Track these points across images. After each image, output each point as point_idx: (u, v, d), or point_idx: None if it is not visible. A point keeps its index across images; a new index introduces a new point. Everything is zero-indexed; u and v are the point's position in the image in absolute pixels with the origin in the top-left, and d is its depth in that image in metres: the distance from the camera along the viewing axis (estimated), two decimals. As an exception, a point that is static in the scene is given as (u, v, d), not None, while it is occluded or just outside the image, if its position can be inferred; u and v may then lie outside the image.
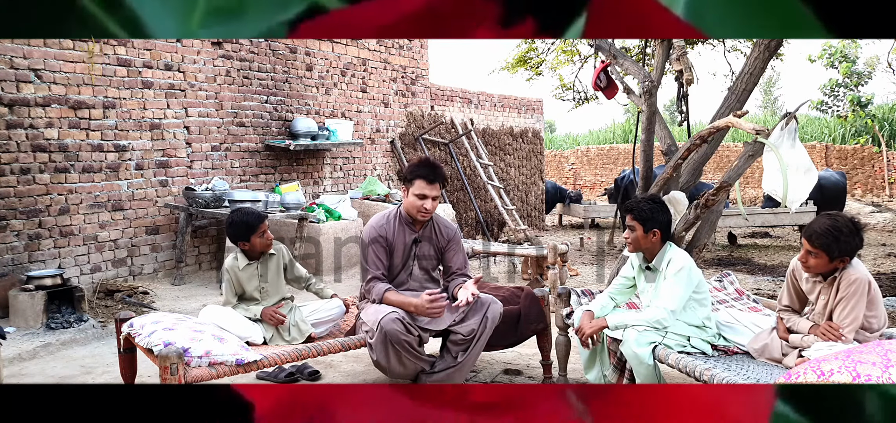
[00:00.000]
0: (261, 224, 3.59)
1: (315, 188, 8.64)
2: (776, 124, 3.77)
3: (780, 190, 3.59)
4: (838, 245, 2.79)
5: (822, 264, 2.84)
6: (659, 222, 3.25)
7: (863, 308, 2.81)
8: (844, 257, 2.82)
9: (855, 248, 2.82)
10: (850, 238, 2.79)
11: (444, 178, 3.48)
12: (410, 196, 3.43)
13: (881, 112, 20.62)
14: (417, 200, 3.41)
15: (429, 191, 3.40)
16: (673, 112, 10.19)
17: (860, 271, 2.84)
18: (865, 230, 8.57)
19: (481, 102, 12.15)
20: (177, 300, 6.02)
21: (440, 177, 3.43)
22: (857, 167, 18.84)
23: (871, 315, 2.87)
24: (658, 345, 3.10)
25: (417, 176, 3.41)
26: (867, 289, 2.82)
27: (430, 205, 3.43)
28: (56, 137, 5.85)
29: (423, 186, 3.40)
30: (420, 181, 3.40)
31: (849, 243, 2.79)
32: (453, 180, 11.03)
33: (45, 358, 4.55)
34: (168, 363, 2.79)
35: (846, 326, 2.79)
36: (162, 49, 6.74)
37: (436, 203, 3.47)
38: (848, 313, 2.79)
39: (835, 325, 2.82)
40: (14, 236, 5.57)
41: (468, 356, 3.37)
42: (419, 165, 3.46)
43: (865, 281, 2.82)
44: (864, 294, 2.81)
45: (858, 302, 2.79)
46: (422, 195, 3.40)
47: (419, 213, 3.43)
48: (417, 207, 3.41)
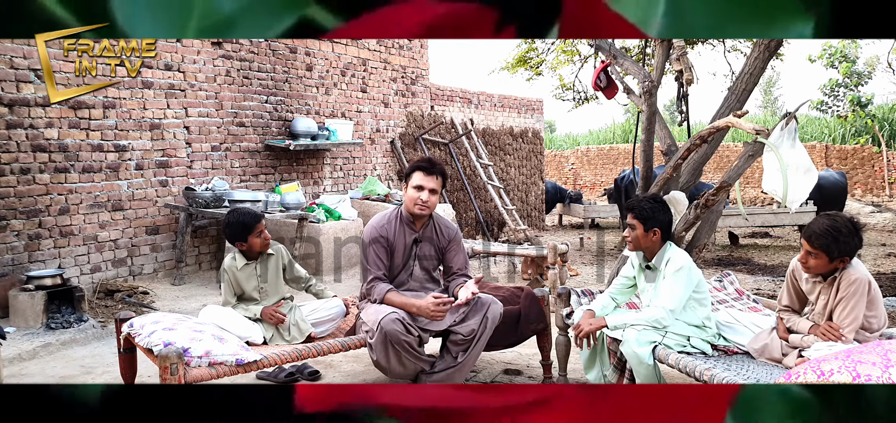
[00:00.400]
0: (257, 224, 3.59)
1: (315, 188, 8.64)
2: (776, 124, 3.77)
3: (780, 190, 3.59)
4: (838, 245, 2.78)
5: (821, 265, 2.84)
6: (660, 221, 3.25)
7: (863, 308, 2.81)
8: (844, 257, 2.81)
9: (854, 248, 2.82)
10: (849, 238, 2.79)
11: (443, 172, 3.49)
12: (409, 190, 3.44)
13: (881, 112, 20.63)
14: (415, 192, 3.41)
15: (426, 182, 3.40)
16: (673, 112, 10.19)
17: (860, 271, 2.83)
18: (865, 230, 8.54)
19: (481, 102, 12.14)
20: (177, 300, 6.02)
21: (438, 170, 3.45)
22: (857, 167, 18.84)
23: (871, 315, 2.87)
24: (658, 345, 3.10)
25: (415, 169, 3.45)
26: (867, 289, 2.82)
27: (428, 197, 3.41)
28: (56, 137, 5.85)
29: (421, 177, 3.41)
30: (418, 173, 3.43)
31: (848, 244, 2.79)
32: (453, 180, 11.03)
33: (45, 358, 4.55)
34: (168, 363, 2.79)
35: (846, 326, 2.79)
36: (162, 49, 6.74)
37: (434, 198, 3.45)
38: (848, 314, 2.79)
39: (835, 325, 2.82)
40: (14, 236, 5.57)
41: (468, 356, 3.37)
42: (418, 160, 3.51)
43: (865, 281, 2.82)
44: (864, 294, 2.80)
45: (858, 302, 2.79)
46: (419, 186, 3.40)
47: (417, 206, 3.42)
48: (415, 199, 3.41)
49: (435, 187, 3.44)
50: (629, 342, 3.11)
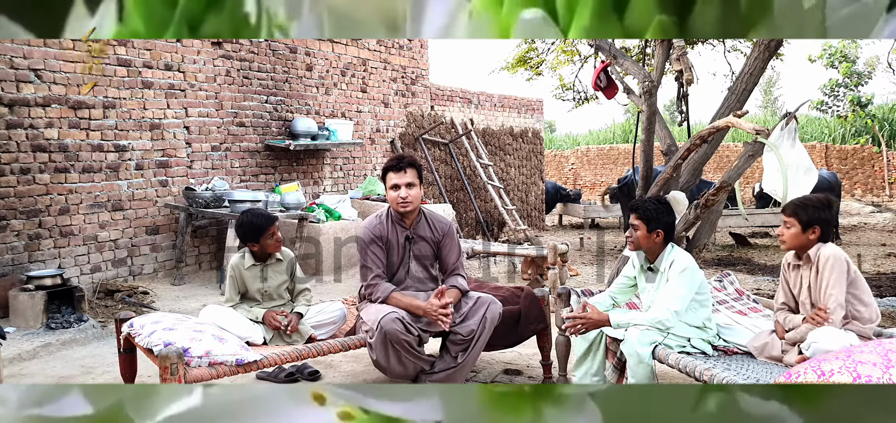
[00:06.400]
0: (271, 226, 3.62)
1: (315, 188, 8.64)
2: (776, 124, 3.78)
3: (780, 190, 3.59)
4: (806, 212, 2.95)
5: (795, 235, 2.97)
6: (663, 223, 3.24)
7: (843, 286, 2.84)
8: (813, 226, 2.93)
9: (825, 219, 2.96)
10: (818, 208, 2.96)
11: (413, 163, 3.46)
12: (388, 192, 3.47)
13: (881, 112, 20.62)
14: (393, 193, 3.43)
15: (399, 179, 3.40)
16: (673, 112, 10.19)
17: (833, 249, 2.93)
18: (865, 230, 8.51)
19: (481, 102, 12.14)
20: (177, 300, 6.02)
21: (407, 162, 3.43)
22: (857, 167, 18.84)
23: (858, 303, 2.91)
24: (659, 345, 3.10)
25: (387, 170, 3.46)
26: (845, 267, 2.87)
27: (406, 193, 3.40)
28: (56, 137, 5.85)
29: (393, 177, 3.42)
30: (390, 173, 3.44)
31: (817, 212, 2.95)
32: (453, 180, 11.04)
33: (45, 358, 4.55)
34: (168, 363, 2.79)
35: (830, 304, 2.83)
36: (162, 49, 6.74)
37: (414, 190, 3.42)
38: (829, 291, 2.84)
39: (820, 308, 2.86)
40: (14, 236, 5.57)
41: (467, 356, 3.37)
42: (387, 162, 3.50)
43: (841, 259, 2.88)
44: (843, 272, 2.85)
45: (838, 280, 2.84)
46: (395, 186, 3.42)
47: (399, 205, 3.42)
48: (395, 199, 3.43)
49: (411, 181, 3.41)
50: (631, 341, 3.10)
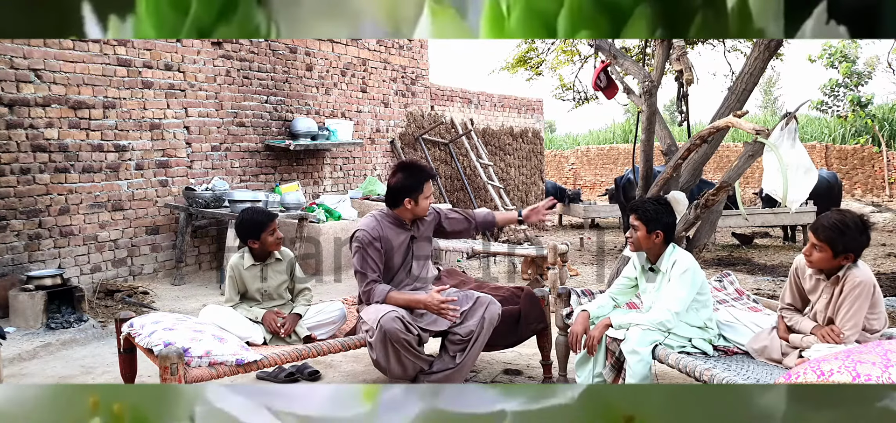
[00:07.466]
0: (270, 223, 3.64)
1: (315, 188, 8.64)
2: (776, 124, 3.77)
3: (780, 190, 3.59)
4: (843, 240, 2.74)
5: (825, 260, 2.80)
6: (663, 223, 3.24)
7: (865, 312, 2.78)
8: (848, 253, 2.77)
9: (861, 246, 2.78)
10: (856, 235, 2.74)
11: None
12: (421, 202, 3.50)
13: (881, 112, 20.60)
14: (425, 202, 3.53)
15: (433, 187, 3.61)
16: (673, 112, 10.18)
17: (865, 273, 2.79)
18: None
19: (481, 102, 12.14)
20: (177, 300, 6.02)
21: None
22: (857, 167, 18.83)
23: (872, 317, 2.85)
24: (659, 345, 3.10)
25: (423, 181, 3.51)
26: (871, 292, 2.78)
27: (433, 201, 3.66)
28: (56, 137, 5.85)
29: (431, 186, 3.57)
30: (428, 184, 3.53)
31: (854, 240, 2.75)
32: (453, 180, 11.03)
33: (45, 358, 4.55)
34: (168, 363, 2.79)
35: (847, 329, 2.76)
36: (162, 49, 6.74)
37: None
38: (850, 317, 2.75)
39: (836, 329, 2.79)
40: (14, 236, 5.57)
41: (466, 356, 3.37)
42: (417, 171, 3.52)
43: (870, 285, 2.78)
44: (868, 297, 2.77)
45: (862, 306, 2.76)
46: (429, 195, 3.55)
47: (428, 212, 3.61)
48: (425, 208, 3.55)
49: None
50: (631, 341, 3.10)
